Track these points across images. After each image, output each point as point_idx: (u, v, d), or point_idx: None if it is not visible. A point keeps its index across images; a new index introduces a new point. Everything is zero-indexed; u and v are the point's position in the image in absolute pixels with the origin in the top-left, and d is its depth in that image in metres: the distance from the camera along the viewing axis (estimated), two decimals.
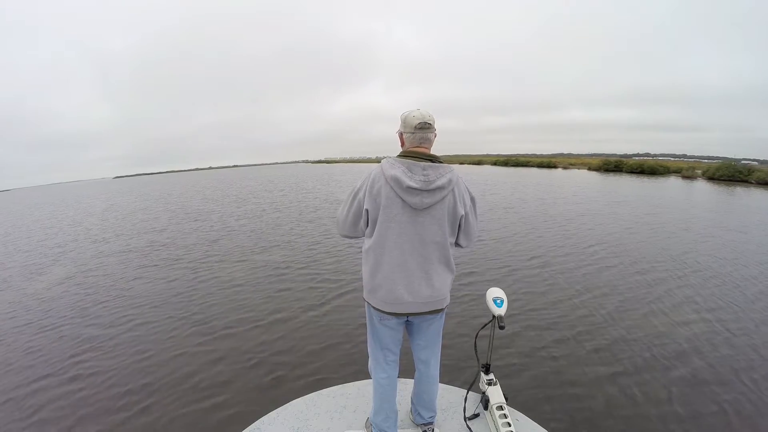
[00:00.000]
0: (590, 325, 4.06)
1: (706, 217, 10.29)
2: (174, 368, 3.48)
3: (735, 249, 6.99)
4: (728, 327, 3.96)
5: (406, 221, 1.50)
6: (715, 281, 5.31)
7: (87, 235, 11.02)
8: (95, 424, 2.82)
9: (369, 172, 1.57)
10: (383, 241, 1.53)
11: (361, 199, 1.56)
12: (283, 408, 2.14)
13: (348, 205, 1.62)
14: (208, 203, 17.91)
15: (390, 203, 1.49)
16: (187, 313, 4.69)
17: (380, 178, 1.51)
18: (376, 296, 1.58)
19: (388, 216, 1.50)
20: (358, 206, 1.58)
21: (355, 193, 1.59)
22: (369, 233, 1.58)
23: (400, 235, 1.51)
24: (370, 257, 1.57)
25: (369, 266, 1.58)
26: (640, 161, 33.36)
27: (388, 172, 1.48)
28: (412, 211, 1.49)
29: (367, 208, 1.54)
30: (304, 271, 6.23)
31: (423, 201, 1.48)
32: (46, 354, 3.88)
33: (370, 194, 1.52)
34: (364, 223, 1.59)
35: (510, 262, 6.34)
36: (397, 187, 1.47)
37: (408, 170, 1.47)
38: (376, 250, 1.54)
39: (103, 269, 7.08)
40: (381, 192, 1.50)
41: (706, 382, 3.08)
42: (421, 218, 1.51)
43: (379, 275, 1.55)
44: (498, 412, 1.93)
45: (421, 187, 1.46)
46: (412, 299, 1.54)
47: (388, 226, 1.51)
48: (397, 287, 1.53)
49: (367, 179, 1.56)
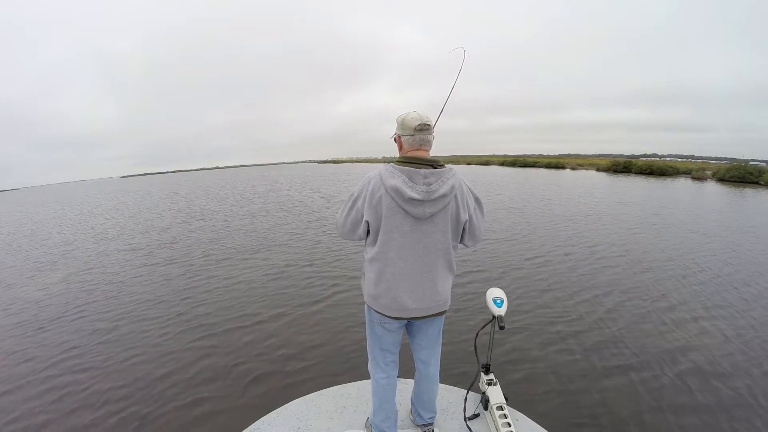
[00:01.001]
0: (591, 324, 4.05)
1: (717, 218, 10.13)
2: (173, 366, 3.50)
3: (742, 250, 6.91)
4: (730, 326, 3.96)
5: (408, 231, 1.47)
6: (717, 282, 5.26)
7: (92, 233, 11.17)
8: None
9: (367, 178, 1.52)
10: (386, 252, 1.50)
11: (360, 208, 1.52)
12: (283, 408, 2.15)
13: (347, 211, 1.58)
14: (214, 202, 18.05)
15: (392, 214, 1.45)
16: (186, 311, 4.74)
17: (380, 188, 1.46)
18: (379, 302, 1.56)
19: (390, 227, 1.47)
20: (357, 214, 1.54)
21: (354, 200, 1.55)
22: (371, 242, 1.56)
23: (403, 245, 1.48)
24: (374, 266, 1.54)
25: (373, 274, 1.55)
26: (649, 162, 33.00)
27: (388, 182, 1.43)
28: (415, 220, 1.46)
29: (368, 220, 1.50)
30: (308, 269, 6.27)
31: (426, 211, 1.44)
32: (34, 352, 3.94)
33: (370, 204, 1.47)
34: (363, 232, 1.56)
35: (510, 261, 6.31)
36: (399, 198, 1.43)
37: (409, 179, 1.42)
38: (379, 260, 1.51)
39: (107, 267, 7.17)
40: (382, 202, 1.45)
41: (708, 378, 3.08)
42: (425, 227, 1.48)
43: (382, 284, 1.52)
44: (498, 412, 1.93)
45: (423, 197, 1.41)
46: (416, 306, 1.53)
47: (391, 237, 1.48)
48: (402, 296, 1.51)
49: (365, 187, 1.50)
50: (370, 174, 1.52)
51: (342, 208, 1.62)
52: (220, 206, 16.19)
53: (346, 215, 1.58)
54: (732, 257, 6.47)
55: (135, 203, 21.14)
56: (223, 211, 14.32)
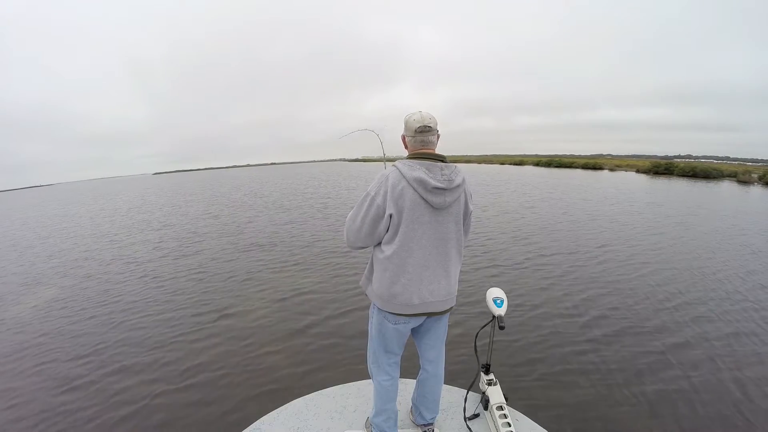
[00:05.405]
0: (592, 324, 4.00)
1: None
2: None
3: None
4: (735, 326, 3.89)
5: (428, 221, 1.50)
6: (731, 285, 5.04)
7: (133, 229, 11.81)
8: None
9: (382, 175, 1.53)
10: (408, 243, 1.50)
11: (381, 204, 1.50)
12: (283, 408, 2.15)
13: (363, 211, 1.54)
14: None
15: (414, 205, 1.47)
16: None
17: (401, 181, 1.47)
18: (396, 301, 1.54)
19: (412, 218, 1.48)
20: (377, 211, 1.51)
21: (372, 198, 1.52)
22: (389, 239, 1.53)
23: (423, 235, 1.51)
24: (393, 262, 1.52)
25: (390, 272, 1.53)
26: (691, 164, 31.06)
27: (409, 174, 1.46)
28: (433, 210, 1.50)
29: (391, 213, 1.49)
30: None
31: (446, 200, 1.49)
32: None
33: (392, 197, 1.47)
34: (384, 228, 1.54)
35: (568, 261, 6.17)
36: (422, 188, 1.46)
37: (428, 171, 1.47)
38: (400, 255, 1.51)
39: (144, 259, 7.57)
40: (404, 195, 1.47)
41: (711, 384, 3.00)
42: (441, 217, 1.52)
43: (403, 279, 1.52)
44: (498, 412, 1.93)
45: (446, 186, 1.47)
46: (433, 299, 1.55)
47: (414, 228, 1.49)
48: (421, 289, 1.53)
49: (383, 183, 1.51)
50: (384, 172, 1.55)
51: (354, 213, 1.59)
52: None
53: (363, 216, 1.55)
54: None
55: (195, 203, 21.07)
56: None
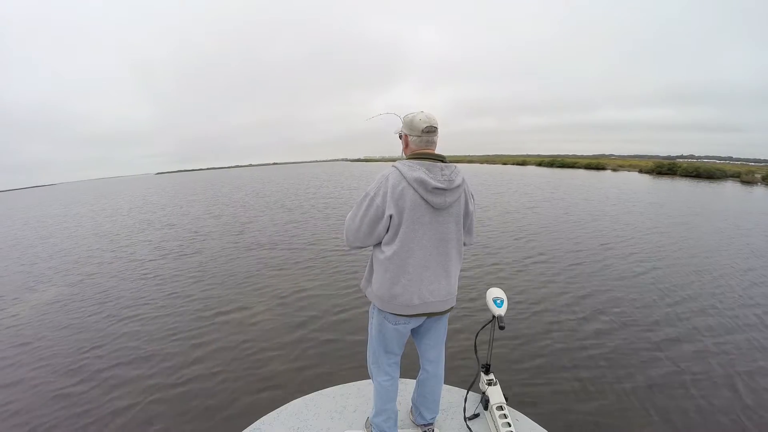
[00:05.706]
0: (593, 324, 4.00)
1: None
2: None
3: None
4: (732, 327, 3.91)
5: (428, 222, 1.50)
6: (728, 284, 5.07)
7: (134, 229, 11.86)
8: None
9: (382, 175, 1.53)
10: (409, 244, 1.50)
11: (380, 205, 1.50)
12: (283, 408, 2.15)
13: (362, 212, 1.55)
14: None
15: (415, 206, 1.47)
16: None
17: (401, 181, 1.48)
18: (396, 301, 1.54)
19: (412, 218, 1.48)
20: (377, 212, 1.51)
21: (371, 199, 1.52)
22: (389, 240, 1.54)
23: (424, 236, 1.51)
24: (393, 263, 1.52)
25: (390, 273, 1.53)
26: (694, 164, 30.93)
27: (410, 174, 1.46)
28: (433, 211, 1.50)
29: (391, 213, 1.49)
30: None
31: (446, 200, 1.49)
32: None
33: (392, 198, 1.47)
34: (383, 229, 1.54)
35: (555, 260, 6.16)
36: (422, 188, 1.46)
37: (428, 171, 1.48)
38: (401, 255, 1.51)
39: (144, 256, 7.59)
40: (404, 195, 1.47)
41: (714, 386, 2.99)
42: (441, 217, 1.52)
43: (403, 279, 1.52)
44: (498, 412, 1.93)
45: (446, 186, 1.47)
46: (434, 299, 1.56)
47: (414, 229, 1.49)
48: (423, 290, 1.53)
49: (383, 183, 1.51)
50: (383, 172, 1.54)
51: (353, 213, 1.59)
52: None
53: (362, 216, 1.55)
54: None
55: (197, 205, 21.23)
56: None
